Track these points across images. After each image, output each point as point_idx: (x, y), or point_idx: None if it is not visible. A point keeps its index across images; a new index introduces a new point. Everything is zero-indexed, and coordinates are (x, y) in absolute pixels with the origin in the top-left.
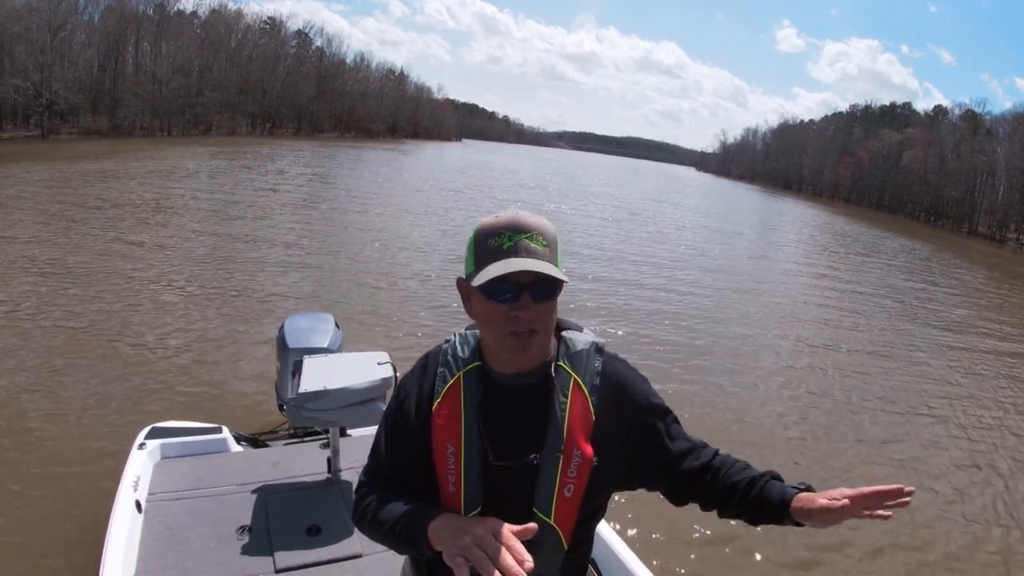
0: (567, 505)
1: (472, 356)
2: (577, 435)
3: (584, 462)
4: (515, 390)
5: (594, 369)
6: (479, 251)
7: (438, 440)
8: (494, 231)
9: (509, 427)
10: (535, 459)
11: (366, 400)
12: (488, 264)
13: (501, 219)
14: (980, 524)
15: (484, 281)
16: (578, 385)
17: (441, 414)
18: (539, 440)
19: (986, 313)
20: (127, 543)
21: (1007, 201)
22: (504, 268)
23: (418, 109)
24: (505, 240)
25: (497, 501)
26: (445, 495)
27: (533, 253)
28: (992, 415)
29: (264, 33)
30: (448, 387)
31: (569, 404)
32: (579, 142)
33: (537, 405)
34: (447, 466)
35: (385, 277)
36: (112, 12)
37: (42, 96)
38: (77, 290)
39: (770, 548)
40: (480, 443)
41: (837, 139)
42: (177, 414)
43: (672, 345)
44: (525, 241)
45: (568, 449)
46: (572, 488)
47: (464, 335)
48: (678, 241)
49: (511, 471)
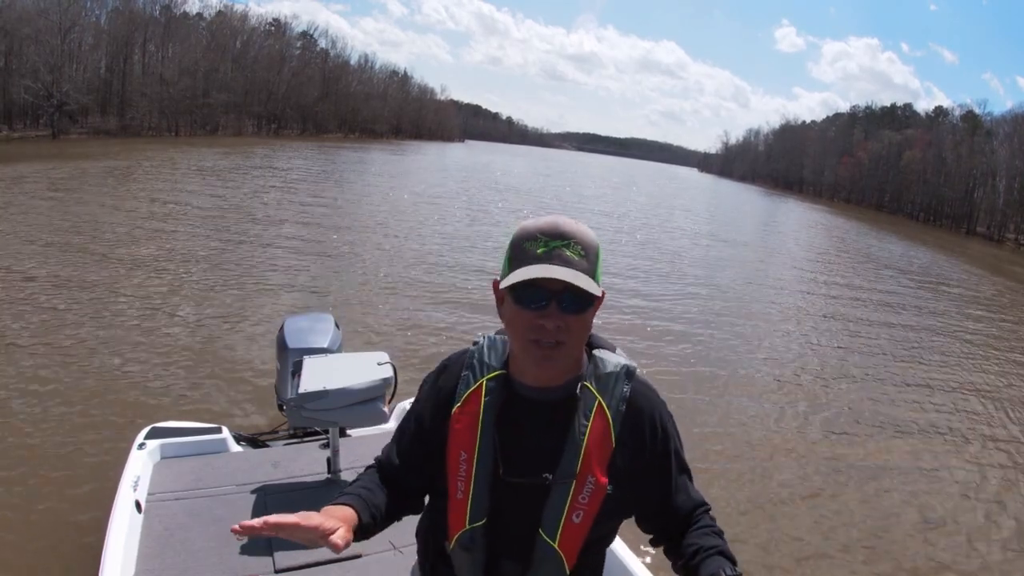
0: (574, 530)
1: (499, 363)
2: (593, 461)
3: (598, 489)
4: (537, 404)
5: (622, 395)
6: (514, 253)
7: (453, 444)
8: (531, 235)
9: (525, 442)
10: (547, 479)
11: (366, 400)
12: (520, 267)
13: (540, 223)
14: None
15: (510, 284)
16: (602, 409)
17: (459, 419)
18: (554, 460)
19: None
20: (127, 543)
21: (1006, 201)
22: (531, 273)
23: (421, 110)
24: (540, 245)
25: (503, 516)
26: (452, 501)
27: (567, 261)
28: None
29: (269, 35)
30: (470, 392)
31: (590, 428)
32: (582, 143)
33: (557, 423)
34: (458, 472)
35: (385, 278)
36: (119, 14)
37: (53, 97)
38: (75, 289)
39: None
40: (493, 455)
41: (838, 140)
42: (177, 414)
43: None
44: (561, 248)
45: (582, 474)
46: (582, 515)
47: (493, 339)
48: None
49: (522, 488)
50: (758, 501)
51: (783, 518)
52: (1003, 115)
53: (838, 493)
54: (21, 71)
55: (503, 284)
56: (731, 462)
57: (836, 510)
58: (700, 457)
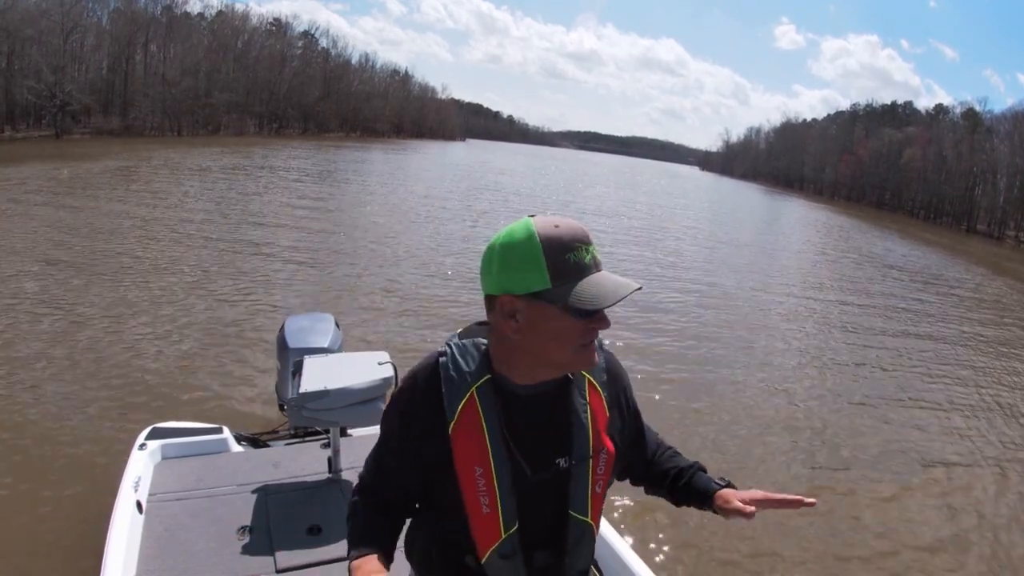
0: (597, 500)
1: (481, 369)
2: (602, 435)
3: (609, 458)
4: (534, 399)
5: (601, 366)
6: (556, 265)
7: (462, 462)
8: (568, 245)
9: (534, 437)
10: (565, 463)
11: (366, 400)
12: (578, 281)
13: (565, 230)
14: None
15: (600, 305)
16: (592, 385)
17: (461, 435)
18: (564, 444)
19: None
20: (128, 543)
21: (1007, 199)
22: (623, 289)
23: (423, 109)
24: (584, 254)
25: (532, 513)
26: (477, 519)
27: (600, 264)
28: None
29: (270, 35)
30: (463, 406)
31: (589, 405)
32: (584, 142)
33: (557, 411)
34: (477, 488)
35: (385, 278)
36: (121, 15)
37: (56, 97)
38: (77, 289)
39: (788, 547)
40: (511, 461)
41: (839, 138)
42: (178, 414)
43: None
44: (595, 253)
45: (596, 450)
46: (601, 484)
47: (462, 346)
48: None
49: (545, 481)
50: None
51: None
52: (1003, 112)
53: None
54: (24, 71)
55: (588, 304)
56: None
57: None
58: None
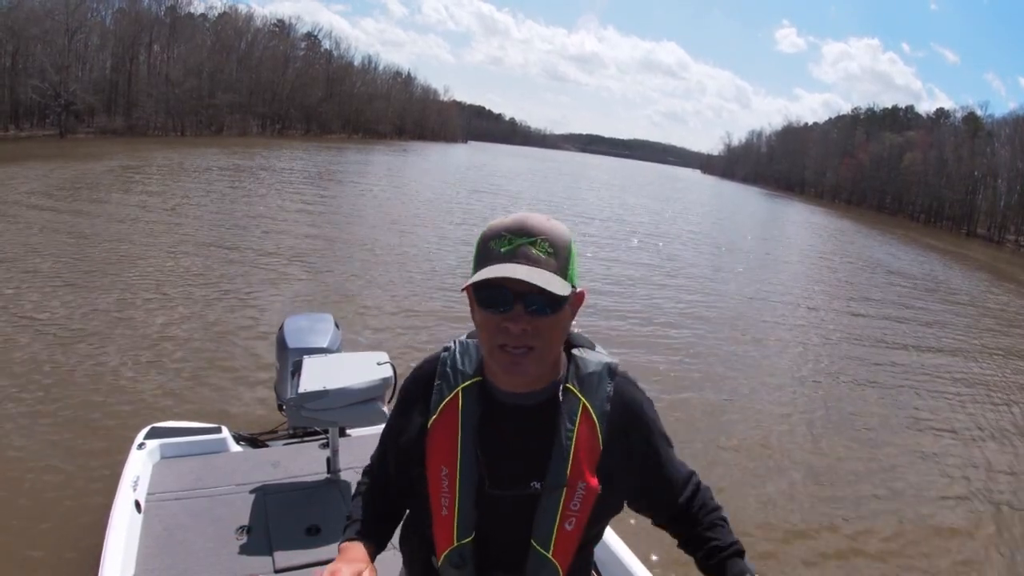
0: (567, 538)
1: (473, 370)
2: (583, 466)
3: (589, 494)
4: (518, 411)
5: (605, 394)
6: (479, 253)
7: (432, 459)
8: (497, 233)
9: (509, 451)
10: (536, 488)
11: (366, 400)
12: (484, 267)
13: (508, 220)
14: None
15: (470, 284)
16: (587, 411)
17: (437, 432)
18: (542, 467)
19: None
20: (126, 543)
21: (1007, 203)
22: (490, 273)
23: (424, 111)
24: (504, 243)
25: (492, 530)
26: (437, 519)
27: (533, 260)
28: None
29: (273, 36)
30: (446, 403)
31: (576, 432)
32: (585, 144)
33: (542, 429)
34: (441, 489)
35: (385, 278)
36: (125, 15)
37: (60, 96)
38: (77, 289)
39: (788, 548)
40: (477, 468)
41: (839, 141)
42: (177, 414)
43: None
44: (527, 247)
45: (572, 480)
46: (574, 521)
47: (465, 344)
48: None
49: (510, 499)
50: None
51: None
52: (1004, 117)
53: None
54: (29, 71)
55: (466, 284)
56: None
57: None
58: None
